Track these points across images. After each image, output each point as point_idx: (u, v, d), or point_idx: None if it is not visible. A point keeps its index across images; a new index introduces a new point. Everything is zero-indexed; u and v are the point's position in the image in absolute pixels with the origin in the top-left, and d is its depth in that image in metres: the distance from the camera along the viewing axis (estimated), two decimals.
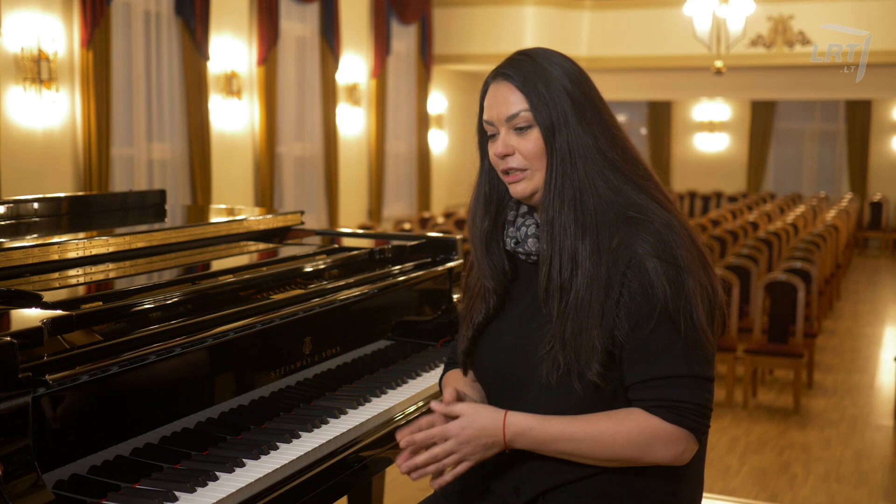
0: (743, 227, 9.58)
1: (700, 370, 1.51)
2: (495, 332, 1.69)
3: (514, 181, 1.61)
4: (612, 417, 1.52)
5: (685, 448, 1.52)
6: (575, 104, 1.58)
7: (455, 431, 1.54)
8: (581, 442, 1.51)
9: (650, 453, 1.51)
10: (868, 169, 15.55)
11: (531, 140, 1.58)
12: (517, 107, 1.59)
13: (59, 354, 1.57)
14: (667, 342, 1.50)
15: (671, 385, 1.50)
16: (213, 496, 1.62)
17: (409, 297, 2.66)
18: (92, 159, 7.28)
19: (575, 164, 1.56)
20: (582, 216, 1.55)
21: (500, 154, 1.61)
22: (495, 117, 1.62)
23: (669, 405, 1.50)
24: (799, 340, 5.71)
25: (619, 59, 12.39)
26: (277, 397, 2.08)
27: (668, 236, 1.52)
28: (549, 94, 1.58)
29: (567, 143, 1.57)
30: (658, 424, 1.50)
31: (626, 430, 1.51)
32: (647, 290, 1.49)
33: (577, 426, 1.52)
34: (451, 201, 13.88)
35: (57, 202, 2.72)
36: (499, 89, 1.62)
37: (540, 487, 1.59)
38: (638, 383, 1.52)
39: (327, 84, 10.30)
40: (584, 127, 1.57)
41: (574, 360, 1.51)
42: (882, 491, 4.43)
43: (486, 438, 1.54)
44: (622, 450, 1.51)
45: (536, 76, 1.59)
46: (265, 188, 9.40)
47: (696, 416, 1.51)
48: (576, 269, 1.54)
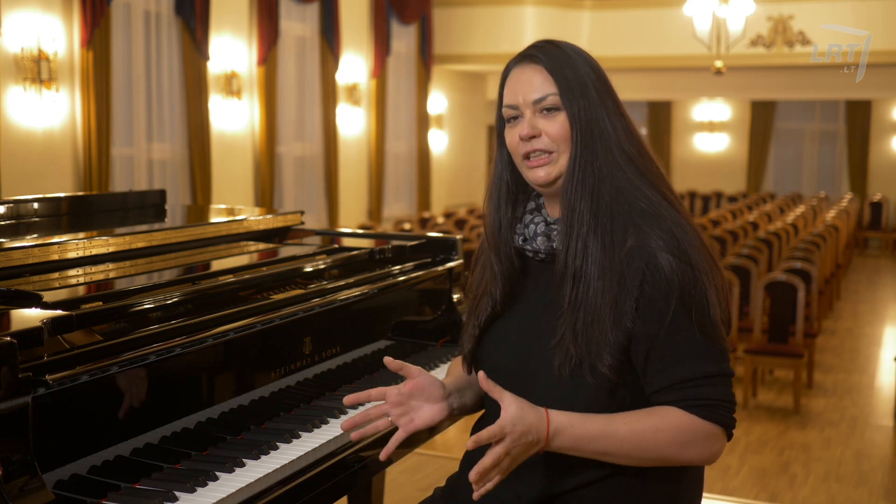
0: (743, 227, 9.59)
1: (725, 368, 1.52)
2: (502, 330, 1.68)
3: (536, 165, 1.59)
4: (652, 415, 1.50)
5: (721, 446, 1.52)
6: (598, 94, 1.58)
7: (509, 429, 1.44)
8: (623, 440, 1.49)
9: (689, 451, 1.50)
10: (868, 169, 15.55)
11: (558, 122, 1.57)
12: (545, 89, 1.58)
13: (59, 354, 1.57)
14: (690, 343, 1.49)
15: (703, 385, 1.49)
16: (213, 496, 1.62)
17: (409, 297, 2.66)
18: (92, 159, 7.28)
19: (596, 153, 1.56)
20: (597, 205, 1.54)
21: (525, 136, 1.58)
22: (520, 100, 1.59)
23: (705, 403, 1.49)
24: (799, 340, 5.71)
25: (619, 59, 12.38)
26: (277, 397, 2.08)
27: (680, 235, 1.52)
28: (576, 80, 1.57)
29: (591, 130, 1.56)
30: (697, 422, 1.49)
31: (666, 429, 1.49)
32: (663, 286, 1.49)
33: (618, 424, 1.49)
34: (451, 201, 13.88)
35: (57, 202, 2.72)
36: (524, 72, 1.60)
37: (541, 496, 1.58)
38: (668, 387, 1.50)
39: (327, 84, 10.30)
40: (606, 117, 1.58)
41: (585, 351, 1.50)
42: (882, 491, 4.43)
43: (532, 436, 1.47)
44: (662, 448, 1.49)
45: (563, 62, 1.59)
46: (265, 188, 9.40)
47: (727, 412, 1.51)
48: (587, 258, 1.53)
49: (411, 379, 1.62)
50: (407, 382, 1.63)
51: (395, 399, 1.61)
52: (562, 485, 1.56)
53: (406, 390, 1.61)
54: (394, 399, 1.61)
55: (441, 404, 1.64)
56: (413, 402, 1.62)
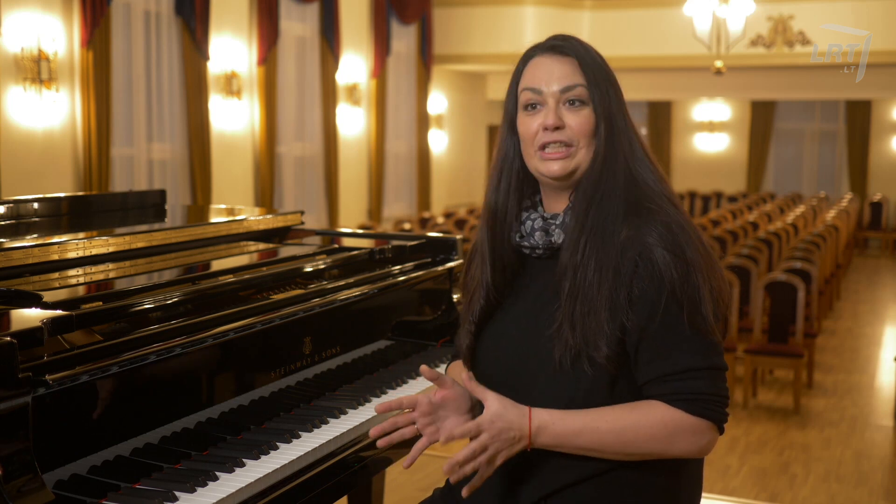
0: (743, 227, 9.59)
1: (715, 361, 1.52)
2: (501, 327, 1.68)
3: (552, 158, 1.58)
4: (635, 410, 1.51)
5: (709, 439, 1.52)
6: (617, 93, 1.60)
7: (486, 425, 1.50)
8: (604, 435, 1.50)
9: (674, 446, 1.51)
10: (868, 169, 15.55)
11: (583, 116, 1.57)
12: (574, 80, 1.57)
13: (59, 354, 1.57)
14: (678, 335, 1.50)
15: (690, 378, 1.50)
16: (213, 496, 1.62)
17: (409, 297, 2.66)
18: (92, 159, 7.28)
19: (615, 151, 1.57)
20: (611, 202, 1.55)
21: (551, 126, 1.57)
22: (545, 85, 1.58)
23: (691, 398, 1.50)
24: (799, 340, 5.71)
25: (618, 59, 12.36)
26: (277, 397, 2.08)
27: (677, 231, 1.53)
28: (602, 75, 1.58)
29: (613, 127, 1.57)
30: (682, 417, 1.50)
31: (648, 423, 1.50)
32: (655, 279, 1.50)
33: (600, 421, 1.50)
34: (451, 201, 13.88)
35: (57, 202, 2.72)
36: (552, 61, 1.60)
37: (540, 492, 1.58)
38: (655, 379, 1.51)
39: (327, 84, 10.30)
40: (624, 116, 1.59)
41: (583, 341, 1.51)
42: (882, 491, 4.43)
43: (514, 432, 1.50)
44: (645, 443, 1.50)
45: (590, 56, 1.60)
46: (265, 188, 9.40)
47: (718, 406, 1.51)
48: (590, 251, 1.54)
49: (443, 389, 1.63)
50: (438, 392, 1.63)
51: (425, 409, 1.62)
52: (561, 480, 1.57)
53: (437, 400, 1.63)
54: (424, 409, 1.62)
55: (467, 416, 1.64)
56: (441, 413, 1.63)
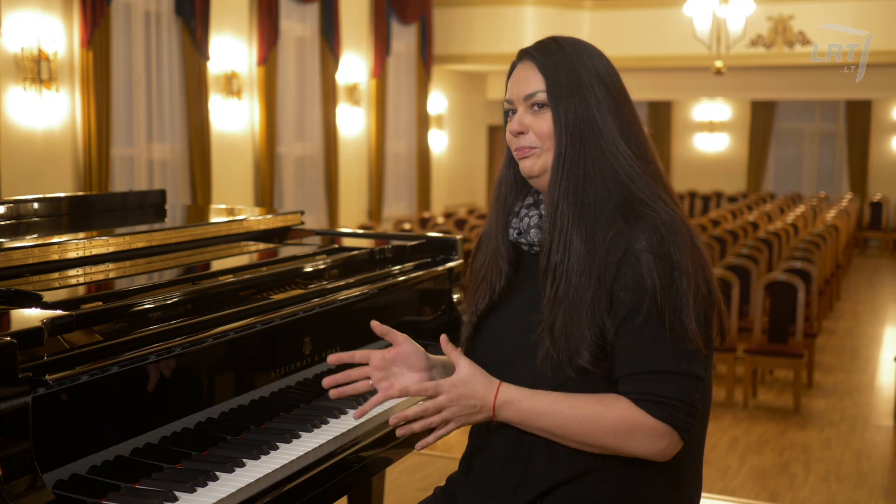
0: (743, 227, 9.58)
1: (688, 367, 1.50)
2: (499, 321, 1.70)
3: (522, 157, 1.64)
4: (600, 402, 1.52)
5: (667, 445, 1.51)
6: (595, 94, 1.60)
7: (447, 388, 1.54)
8: (566, 419, 1.51)
9: (630, 444, 1.51)
10: (868, 169, 15.56)
11: (545, 121, 1.61)
12: (534, 87, 1.62)
13: (59, 354, 1.57)
14: (655, 336, 1.50)
15: (658, 380, 1.49)
16: (213, 496, 1.62)
17: (410, 297, 2.66)
18: (92, 159, 7.28)
19: (584, 151, 1.58)
20: (582, 204, 1.56)
21: (514, 131, 1.64)
22: (514, 95, 1.65)
23: (656, 400, 1.49)
24: (799, 340, 5.71)
25: (618, 59, 12.22)
26: (277, 397, 2.08)
27: (665, 234, 1.52)
28: (568, 79, 1.60)
29: (579, 129, 1.58)
30: (642, 417, 1.50)
31: (609, 417, 1.50)
32: (637, 281, 1.50)
33: (564, 405, 1.52)
34: (451, 201, 13.88)
35: (57, 202, 2.72)
36: (525, 69, 1.65)
37: (538, 489, 1.58)
38: (626, 376, 1.52)
39: (327, 84, 10.30)
40: (602, 116, 1.59)
41: (564, 348, 1.52)
42: (882, 491, 4.43)
43: (476, 401, 1.54)
44: (604, 436, 1.51)
45: (560, 60, 1.61)
46: (265, 188, 9.40)
47: (682, 413, 1.49)
48: (568, 256, 1.55)
49: (396, 345, 1.68)
50: (391, 349, 1.68)
51: (377, 363, 1.67)
52: (558, 476, 1.57)
53: (390, 356, 1.68)
54: (377, 363, 1.67)
55: (423, 374, 1.68)
56: (395, 369, 1.68)
